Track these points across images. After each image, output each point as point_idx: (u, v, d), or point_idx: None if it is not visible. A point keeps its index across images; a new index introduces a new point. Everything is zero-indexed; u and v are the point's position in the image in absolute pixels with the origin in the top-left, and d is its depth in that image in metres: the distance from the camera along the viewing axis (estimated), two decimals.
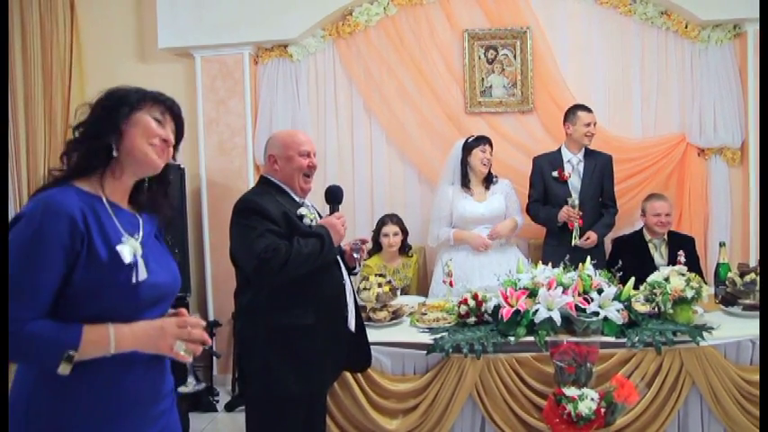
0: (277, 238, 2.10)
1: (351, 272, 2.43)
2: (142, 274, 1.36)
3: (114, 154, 1.40)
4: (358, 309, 2.40)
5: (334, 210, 2.32)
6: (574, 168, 3.68)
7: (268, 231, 2.10)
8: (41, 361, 1.27)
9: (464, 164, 3.62)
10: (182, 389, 3.77)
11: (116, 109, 1.42)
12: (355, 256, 2.38)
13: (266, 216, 2.12)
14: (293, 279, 2.11)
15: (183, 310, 1.48)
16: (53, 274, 1.26)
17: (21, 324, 1.23)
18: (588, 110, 3.64)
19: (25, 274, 1.25)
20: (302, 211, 2.25)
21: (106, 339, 1.29)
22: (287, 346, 2.14)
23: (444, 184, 3.73)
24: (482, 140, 3.61)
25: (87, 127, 1.42)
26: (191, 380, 3.84)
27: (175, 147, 1.52)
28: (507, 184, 3.72)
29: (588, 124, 3.62)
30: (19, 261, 1.25)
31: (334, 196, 2.35)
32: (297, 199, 2.30)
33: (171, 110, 1.50)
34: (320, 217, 2.33)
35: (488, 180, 3.66)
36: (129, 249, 1.35)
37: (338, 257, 2.33)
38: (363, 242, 2.43)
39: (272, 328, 2.15)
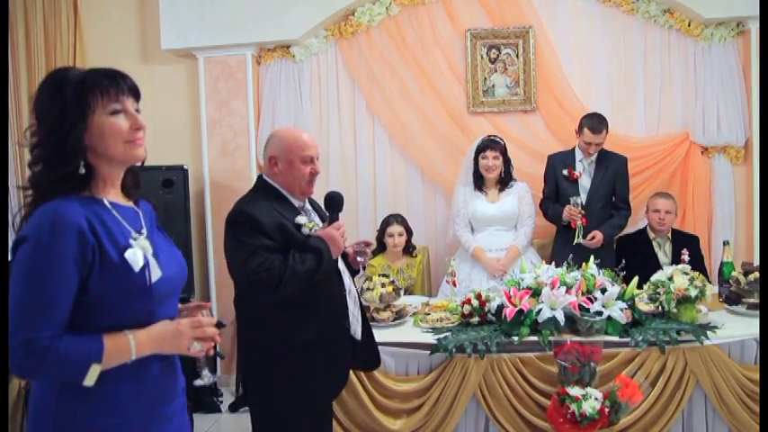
0: (270, 254, 1.99)
1: (354, 274, 2.35)
2: (156, 273, 1.35)
3: (82, 171, 1.32)
4: (363, 312, 2.33)
5: (333, 219, 2.15)
6: (585, 168, 3.68)
7: (261, 248, 1.98)
8: (68, 376, 1.27)
9: (476, 166, 3.64)
10: (197, 382, 3.79)
11: (72, 128, 1.29)
12: (359, 259, 2.28)
13: (259, 229, 2.00)
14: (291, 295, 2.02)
15: (207, 305, 1.51)
16: (68, 287, 1.25)
17: (44, 342, 1.21)
18: (596, 130, 3.52)
19: (40, 291, 1.23)
20: (300, 219, 2.11)
21: (127, 347, 1.30)
22: (286, 364, 2.06)
23: (459, 184, 3.77)
24: (487, 145, 3.60)
25: (47, 152, 1.30)
26: (206, 372, 3.86)
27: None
28: (524, 187, 3.70)
29: (589, 144, 3.57)
30: (33, 280, 1.23)
31: (334, 204, 2.17)
32: (296, 204, 2.17)
33: (120, 84, 1.36)
34: (321, 220, 2.22)
35: (503, 182, 3.65)
36: (139, 252, 1.34)
37: (341, 260, 2.24)
38: (367, 245, 2.31)
39: (270, 344, 2.07)
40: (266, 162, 2.20)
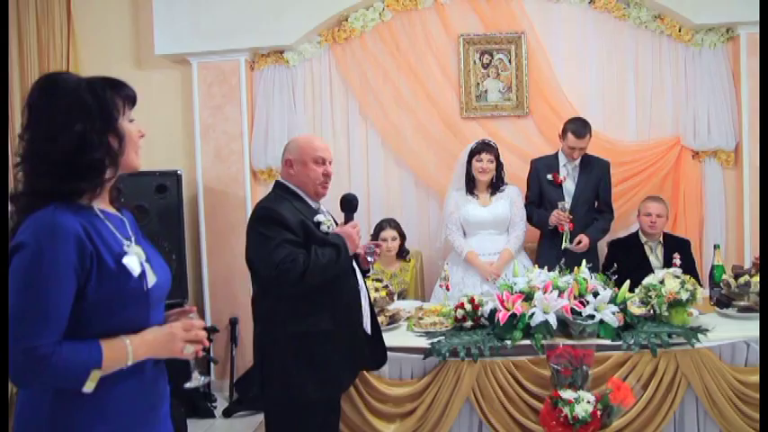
0: (295, 247, 2.13)
1: (364, 274, 2.48)
2: (151, 278, 1.38)
3: (108, 176, 1.34)
4: (373, 310, 2.46)
5: (349, 219, 2.36)
6: (569, 173, 3.70)
7: (286, 241, 2.13)
8: (68, 383, 1.27)
9: (469, 170, 3.65)
10: (188, 384, 3.80)
11: (104, 128, 1.33)
12: (369, 259, 2.43)
13: (284, 225, 2.15)
14: (311, 287, 2.15)
15: (193, 308, 1.54)
16: (67, 295, 1.25)
17: (46, 349, 1.21)
18: (580, 134, 3.56)
19: (41, 299, 1.22)
20: (319, 217, 2.28)
21: (123, 351, 1.31)
22: (305, 353, 2.19)
23: (451, 189, 3.78)
24: (481, 148, 3.62)
25: (65, 145, 1.29)
26: (195, 374, 3.86)
27: None
28: (516, 190, 3.71)
29: (573, 148, 3.61)
30: (32, 287, 1.23)
31: (349, 205, 2.39)
32: (313, 205, 2.33)
33: (132, 97, 1.43)
34: (336, 223, 2.37)
35: (494, 186, 3.67)
36: (135, 259, 1.36)
37: (353, 260, 2.37)
38: (377, 246, 2.49)
39: (290, 335, 2.19)
40: (283, 166, 2.35)
